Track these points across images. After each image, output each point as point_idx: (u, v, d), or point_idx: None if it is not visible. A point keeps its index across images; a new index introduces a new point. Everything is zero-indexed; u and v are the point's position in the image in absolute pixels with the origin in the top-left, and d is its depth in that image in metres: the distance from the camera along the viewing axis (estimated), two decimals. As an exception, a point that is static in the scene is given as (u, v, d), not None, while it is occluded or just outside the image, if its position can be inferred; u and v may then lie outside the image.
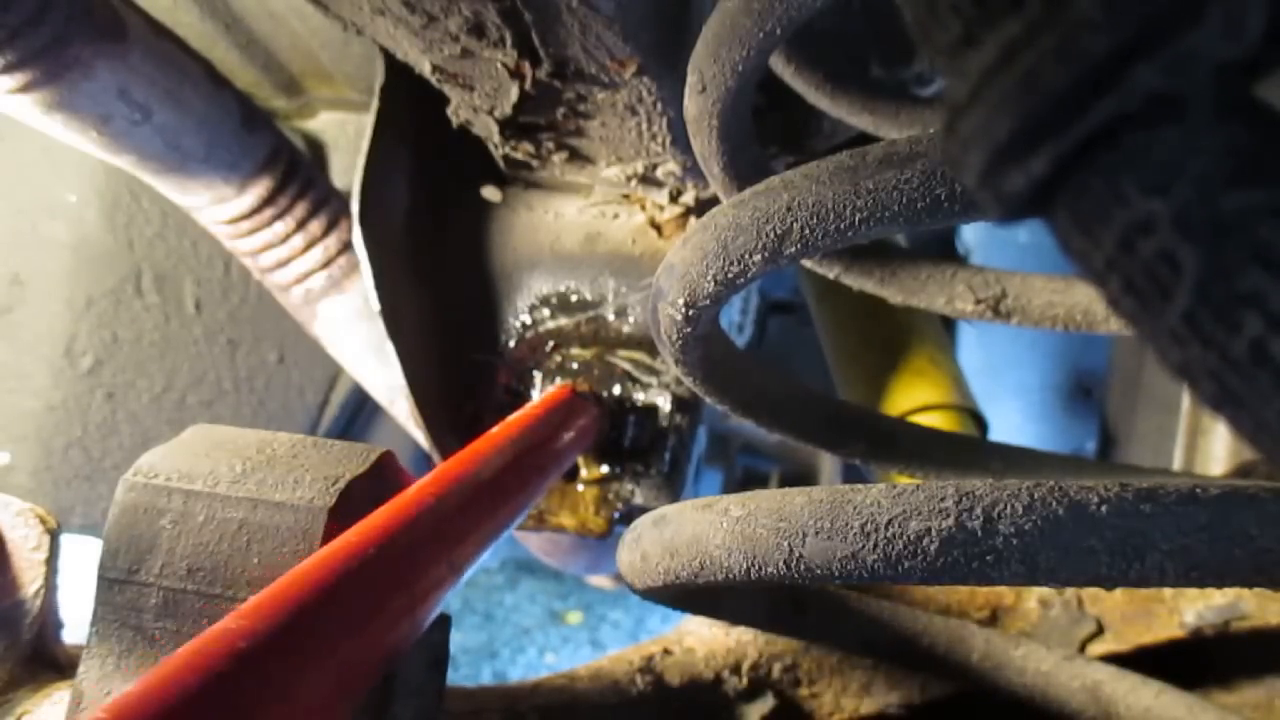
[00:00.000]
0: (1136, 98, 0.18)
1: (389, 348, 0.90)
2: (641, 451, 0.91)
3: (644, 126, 0.78)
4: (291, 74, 1.17)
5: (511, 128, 0.83)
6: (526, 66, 0.71)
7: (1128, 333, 0.93)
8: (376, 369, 1.08)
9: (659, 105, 0.74)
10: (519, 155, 0.88)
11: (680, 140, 0.79)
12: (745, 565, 0.43)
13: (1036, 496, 0.36)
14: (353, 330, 1.06)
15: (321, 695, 0.35)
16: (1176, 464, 1.44)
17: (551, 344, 0.96)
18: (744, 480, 2.11)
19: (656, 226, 0.94)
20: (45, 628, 0.55)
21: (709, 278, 0.46)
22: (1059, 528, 0.35)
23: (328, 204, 1.02)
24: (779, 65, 0.67)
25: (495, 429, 0.65)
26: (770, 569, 0.42)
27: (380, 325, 0.89)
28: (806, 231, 0.42)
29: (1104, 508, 0.34)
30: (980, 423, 1.26)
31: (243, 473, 0.47)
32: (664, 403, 0.91)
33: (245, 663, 0.32)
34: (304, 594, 0.36)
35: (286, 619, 0.35)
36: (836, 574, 0.40)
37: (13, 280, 1.16)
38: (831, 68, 0.67)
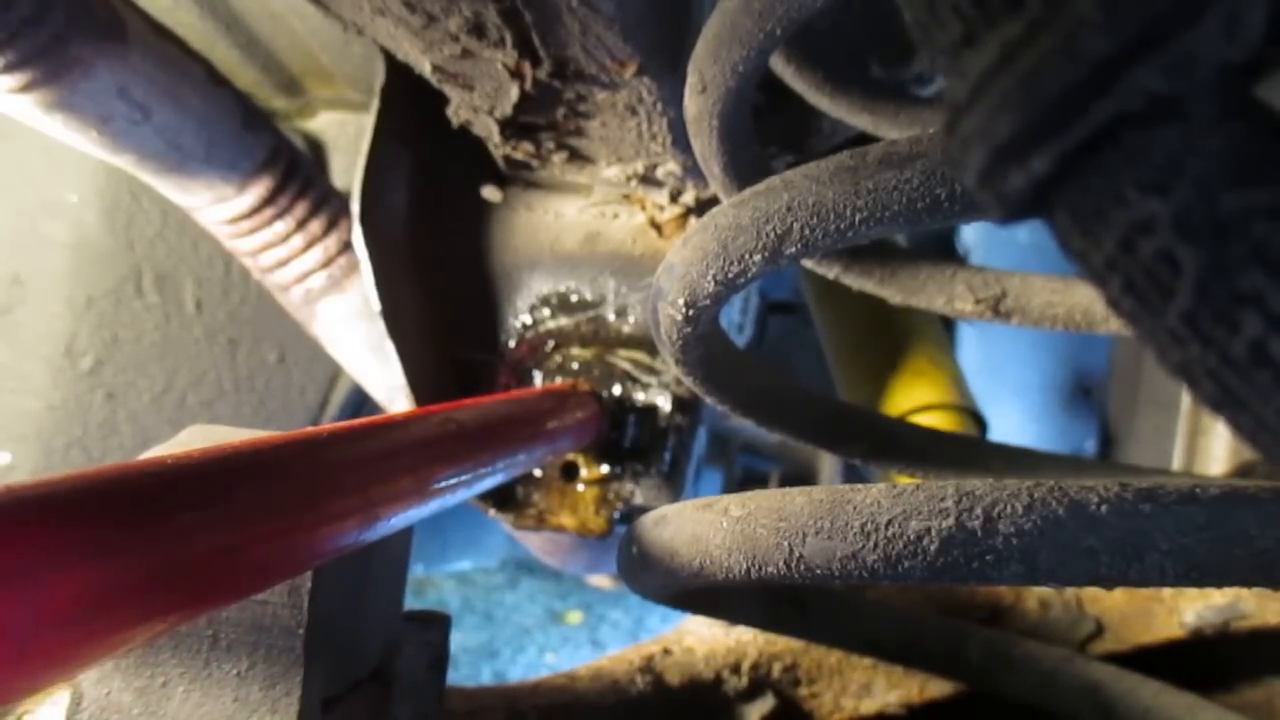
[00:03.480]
0: (1137, 98, 0.18)
1: (389, 347, 0.90)
2: (641, 451, 0.91)
3: (644, 126, 0.78)
4: (291, 74, 1.17)
5: (511, 128, 0.83)
6: (526, 66, 0.71)
7: (1128, 333, 0.93)
8: (376, 369, 1.08)
9: (659, 105, 0.74)
10: (519, 155, 0.88)
11: (680, 140, 0.79)
12: (745, 565, 0.43)
13: (1036, 496, 0.36)
14: (353, 330, 1.06)
15: (249, 548, 0.35)
16: (1176, 464, 1.44)
17: (551, 344, 0.96)
18: (744, 480, 2.11)
19: (656, 226, 0.95)
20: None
21: (709, 278, 0.46)
22: (1059, 528, 0.35)
23: (328, 204, 1.02)
24: (779, 65, 0.67)
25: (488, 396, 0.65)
26: (770, 569, 0.42)
27: (380, 325, 0.89)
28: (806, 231, 0.42)
29: (1104, 508, 0.34)
30: (980, 423, 1.26)
31: (242, 472, 0.47)
32: (664, 403, 0.91)
33: (172, 481, 0.32)
34: (244, 455, 0.36)
35: (226, 462, 0.35)
36: (836, 574, 0.40)
37: (13, 280, 1.16)
38: (831, 68, 0.67)
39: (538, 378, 0.95)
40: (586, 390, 0.89)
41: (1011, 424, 2.15)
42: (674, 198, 0.92)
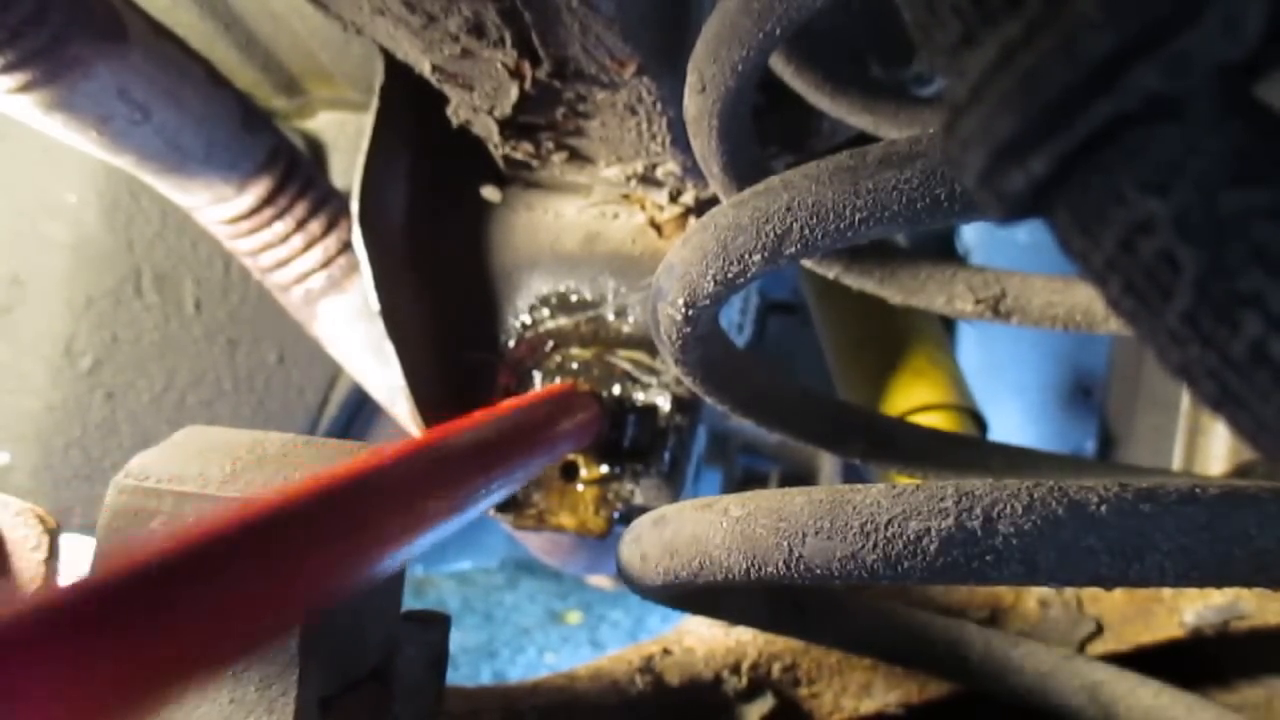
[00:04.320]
0: (1136, 98, 0.18)
1: (389, 348, 0.90)
2: (641, 451, 0.91)
3: (644, 126, 0.78)
4: (291, 74, 1.17)
5: (511, 128, 0.83)
6: (526, 66, 0.71)
7: (1128, 333, 0.93)
8: (376, 369, 1.08)
9: (659, 105, 0.74)
10: (519, 155, 0.88)
11: (680, 140, 0.79)
12: (745, 565, 0.43)
13: (1036, 496, 0.36)
14: (353, 330, 1.06)
15: (259, 599, 0.34)
16: (1176, 464, 1.44)
17: (551, 344, 0.96)
18: (744, 480, 2.10)
19: (656, 226, 0.94)
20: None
21: (709, 278, 0.46)
22: (1059, 528, 0.35)
23: (328, 204, 1.02)
24: (779, 65, 0.67)
25: (488, 408, 0.65)
26: (770, 569, 0.42)
27: (380, 325, 0.89)
28: (806, 231, 0.42)
29: (1103, 508, 0.34)
30: (980, 423, 1.26)
31: (233, 473, 0.47)
32: (664, 403, 0.91)
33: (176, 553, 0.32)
34: (251, 518, 0.36)
35: (234, 532, 0.34)
36: (836, 574, 0.40)
37: (13, 280, 1.16)
38: (831, 68, 0.67)
39: (537, 378, 0.95)
40: (586, 391, 0.89)
41: (1011, 424, 2.15)
42: (674, 198, 0.92)
